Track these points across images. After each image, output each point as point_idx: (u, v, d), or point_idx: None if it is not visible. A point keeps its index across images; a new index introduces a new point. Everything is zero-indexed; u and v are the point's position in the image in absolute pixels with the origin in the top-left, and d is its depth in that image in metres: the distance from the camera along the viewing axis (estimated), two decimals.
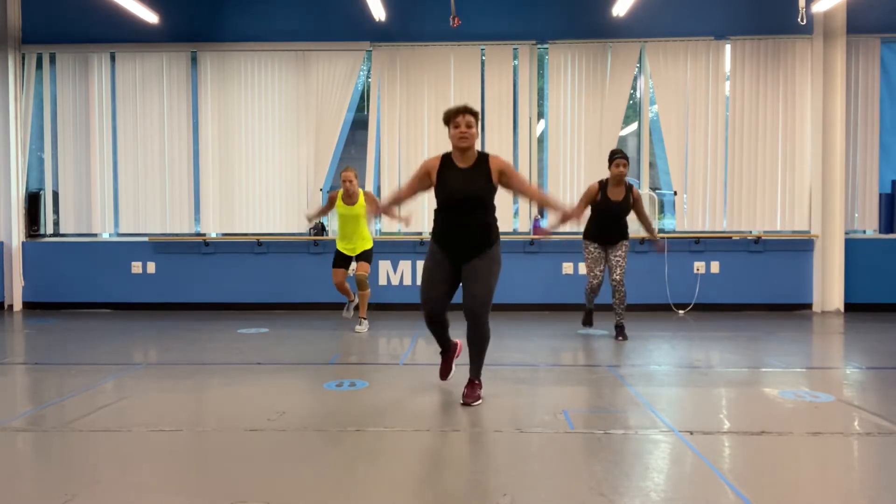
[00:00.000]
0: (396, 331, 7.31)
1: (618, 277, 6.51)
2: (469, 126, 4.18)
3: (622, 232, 6.51)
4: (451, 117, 4.22)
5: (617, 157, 6.38)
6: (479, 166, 4.25)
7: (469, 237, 4.26)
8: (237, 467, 3.29)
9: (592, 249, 6.58)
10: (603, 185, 6.48)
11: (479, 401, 4.31)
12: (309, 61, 8.82)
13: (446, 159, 4.31)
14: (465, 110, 4.20)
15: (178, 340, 6.77)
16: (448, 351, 4.72)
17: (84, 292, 8.94)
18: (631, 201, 6.43)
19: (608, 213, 6.43)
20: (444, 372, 4.73)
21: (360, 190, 7.05)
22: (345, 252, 7.07)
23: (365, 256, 7.06)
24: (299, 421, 4.03)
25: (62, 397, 4.57)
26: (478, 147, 4.41)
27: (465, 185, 4.21)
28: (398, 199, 4.56)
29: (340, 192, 7.00)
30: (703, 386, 4.92)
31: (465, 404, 4.26)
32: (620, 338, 6.58)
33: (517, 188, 4.40)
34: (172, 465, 3.40)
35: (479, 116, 4.30)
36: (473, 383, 4.39)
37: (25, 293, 9.01)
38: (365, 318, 7.13)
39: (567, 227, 5.07)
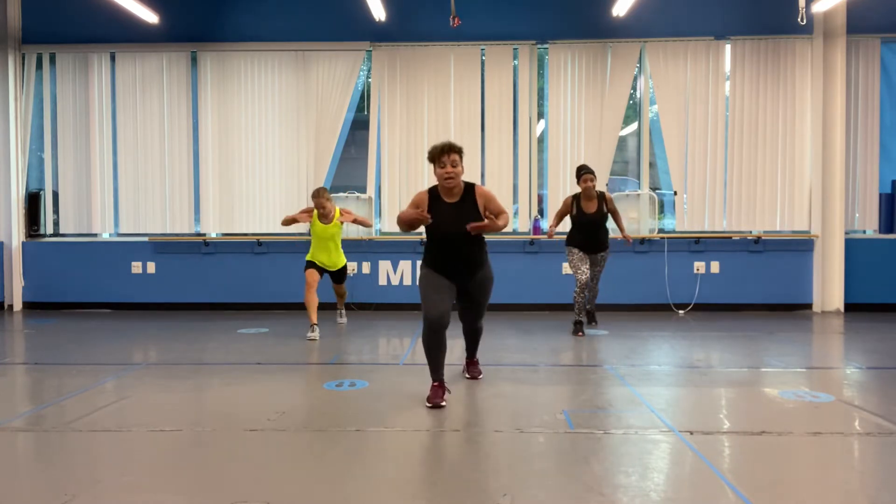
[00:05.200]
0: (396, 331, 7.31)
1: (593, 283, 7.08)
2: (454, 165, 4.26)
3: (603, 242, 6.92)
4: (436, 157, 4.28)
5: (584, 173, 6.73)
6: (466, 199, 4.35)
7: (462, 265, 4.42)
8: (237, 467, 3.29)
9: (576, 251, 6.85)
10: (577, 198, 6.84)
11: (482, 374, 4.96)
12: (309, 61, 8.82)
13: (434, 193, 4.39)
14: (450, 149, 4.25)
15: (178, 340, 6.77)
16: (441, 383, 4.39)
17: (84, 292, 8.94)
18: (605, 209, 6.82)
19: (586, 224, 6.81)
20: (435, 398, 4.30)
21: (336, 207, 7.06)
22: (320, 264, 7.02)
23: (343, 276, 7.30)
24: (299, 421, 4.03)
25: (62, 397, 4.57)
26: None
27: (456, 221, 4.29)
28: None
29: (315, 211, 6.97)
30: (703, 386, 4.92)
31: (473, 378, 4.89)
32: (593, 323, 7.32)
33: (493, 213, 4.40)
34: (172, 465, 3.40)
35: (462, 152, 4.34)
36: (473, 361, 5.00)
37: (25, 293, 9.01)
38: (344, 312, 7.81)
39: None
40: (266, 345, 6.48)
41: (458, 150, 4.29)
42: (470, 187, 4.39)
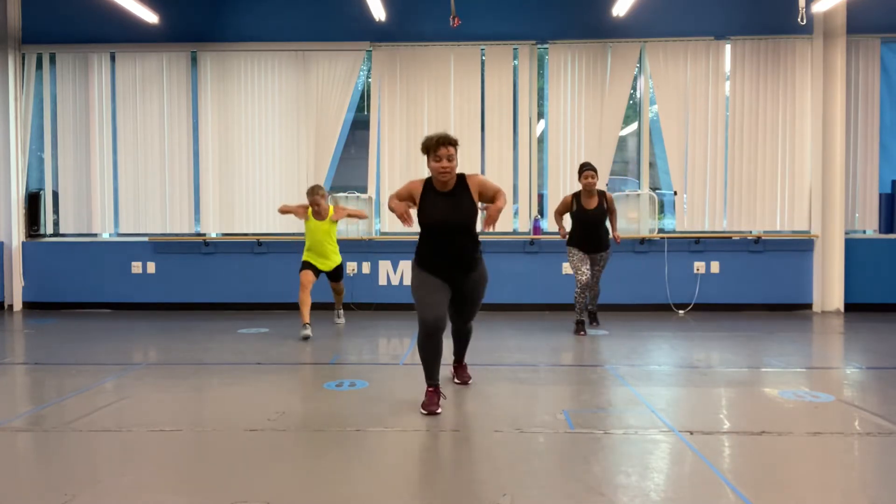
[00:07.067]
0: (396, 331, 7.31)
1: (594, 283, 7.04)
2: (450, 160, 4.12)
3: (603, 240, 6.89)
4: (430, 149, 4.16)
5: (585, 169, 6.76)
6: (460, 190, 4.24)
7: (456, 261, 4.25)
8: (237, 467, 3.29)
9: (576, 252, 6.85)
10: (577, 196, 6.87)
11: (471, 379, 4.86)
12: (309, 61, 8.82)
13: (428, 184, 4.28)
14: (446, 141, 4.12)
15: (178, 340, 6.77)
16: (436, 389, 4.26)
17: (84, 292, 8.94)
18: (605, 207, 6.85)
19: (586, 221, 6.81)
20: (430, 405, 4.17)
21: (330, 205, 7.03)
22: (316, 264, 6.98)
23: (339, 274, 7.18)
24: (299, 421, 4.03)
25: (62, 397, 4.57)
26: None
27: (450, 213, 4.20)
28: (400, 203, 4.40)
29: (309, 209, 6.93)
30: (703, 386, 4.92)
31: (463, 383, 4.81)
32: (595, 323, 7.25)
33: (489, 198, 4.30)
34: (172, 465, 3.40)
35: (458, 144, 4.22)
36: (462, 365, 4.88)
37: (25, 293, 9.01)
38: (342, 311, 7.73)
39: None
40: (266, 345, 6.48)
41: (454, 143, 4.16)
42: (462, 178, 4.27)
